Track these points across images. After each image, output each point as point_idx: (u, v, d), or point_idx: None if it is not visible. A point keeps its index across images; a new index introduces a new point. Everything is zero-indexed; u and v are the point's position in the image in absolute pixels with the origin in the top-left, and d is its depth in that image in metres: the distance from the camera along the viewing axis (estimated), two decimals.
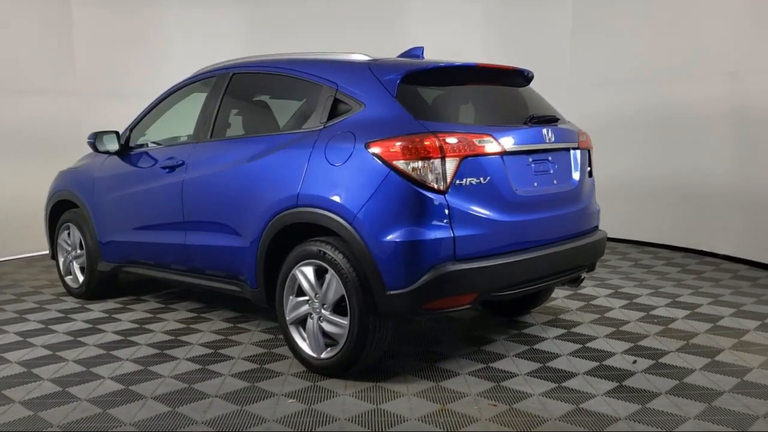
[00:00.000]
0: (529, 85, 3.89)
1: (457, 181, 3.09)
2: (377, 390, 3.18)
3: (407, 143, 3.07)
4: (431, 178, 3.05)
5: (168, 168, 4.22)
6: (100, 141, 4.63)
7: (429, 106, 3.43)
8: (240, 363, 3.58)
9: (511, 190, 3.29)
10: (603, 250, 3.97)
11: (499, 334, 4.02)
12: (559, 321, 4.28)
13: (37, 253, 6.90)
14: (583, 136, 3.87)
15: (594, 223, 3.94)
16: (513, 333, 4.05)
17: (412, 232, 3.02)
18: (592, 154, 3.98)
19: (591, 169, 3.97)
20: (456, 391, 3.15)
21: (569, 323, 4.22)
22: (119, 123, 5.10)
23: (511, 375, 3.35)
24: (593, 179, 4.00)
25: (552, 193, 3.57)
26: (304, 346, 3.42)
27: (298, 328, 3.47)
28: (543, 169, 3.52)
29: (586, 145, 3.88)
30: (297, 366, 3.49)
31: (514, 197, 3.30)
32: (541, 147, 3.52)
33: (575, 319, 4.31)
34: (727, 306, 4.57)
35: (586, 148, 3.88)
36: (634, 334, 3.97)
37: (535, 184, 3.46)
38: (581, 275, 3.83)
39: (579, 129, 3.91)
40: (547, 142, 3.54)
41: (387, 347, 3.35)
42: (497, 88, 3.76)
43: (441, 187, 3.06)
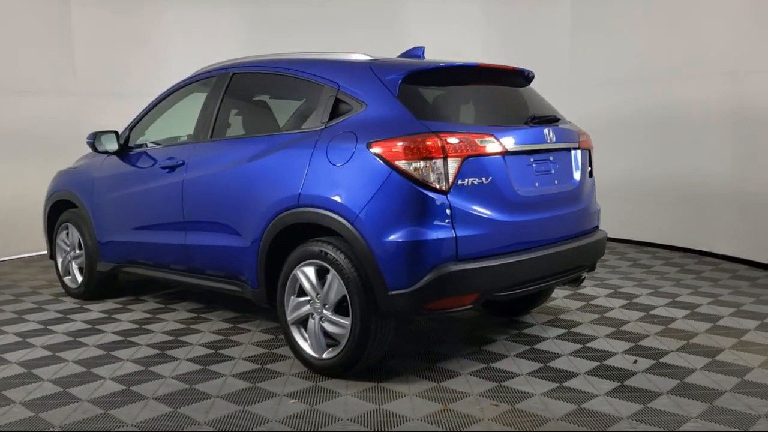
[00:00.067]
0: (530, 85, 3.90)
1: (459, 181, 3.09)
2: (379, 390, 3.18)
3: (409, 143, 3.06)
4: (433, 178, 3.05)
5: (168, 168, 4.22)
6: (99, 141, 4.62)
7: (430, 106, 3.42)
8: (241, 363, 3.58)
9: (512, 190, 3.29)
10: (603, 250, 3.98)
11: (500, 334, 4.02)
12: (560, 321, 4.28)
13: (35, 253, 6.89)
14: (584, 136, 3.88)
15: (594, 223, 3.94)
16: (513, 333, 4.05)
17: (414, 232, 3.02)
18: (592, 154, 3.99)
19: (591, 169, 3.97)
20: (458, 391, 3.15)
21: (569, 323, 4.23)
22: (119, 123, 5.09)
23: (512, 375, 3.35)
24: (594, 179, 4.01)
25: (553, 193, 3.57)
26: (305, 346, 3.42)
27: (299, 328, 3.46)
28: (544, 169, 3.52)
29: (587, 145, 3.89)
30: (298, 366, 3.49)
31: (516, 197, 3.30)
32: (542, 147, 3.52)
33: (575, 319, 4.31)
34: (727, 306, 4.58)
35: (586, 148, 3.88)
36: (634, 334, 3.97)
37: (537, 184, 3.46)
38: (582, 275, 3.84)
39: (579, 129, 3.92)
40: (549, 142, 3.54)
41: (388, 347, 3.35)
42: (498, 88, 3.76)
43: (443, 187, 3.06)
